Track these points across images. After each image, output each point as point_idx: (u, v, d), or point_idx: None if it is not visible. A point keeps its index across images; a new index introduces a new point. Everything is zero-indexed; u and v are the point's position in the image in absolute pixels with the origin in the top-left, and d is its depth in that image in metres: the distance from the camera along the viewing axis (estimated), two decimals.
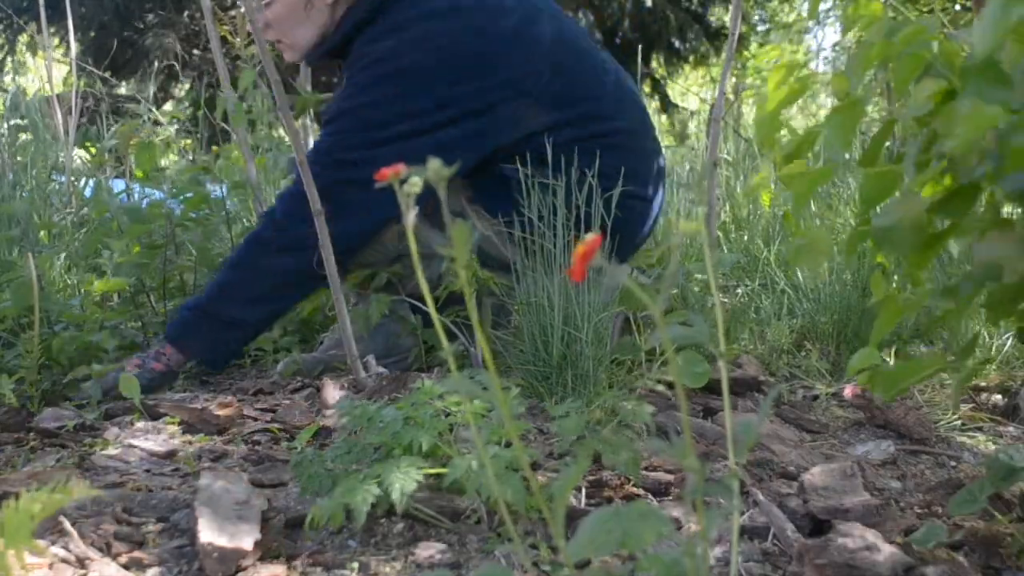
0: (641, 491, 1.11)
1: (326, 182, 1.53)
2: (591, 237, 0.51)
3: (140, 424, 1.35)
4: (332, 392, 1.50)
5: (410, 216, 0.57)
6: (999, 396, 1.55)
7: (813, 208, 2.19)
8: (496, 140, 1.61)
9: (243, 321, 1.67)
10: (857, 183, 2.38)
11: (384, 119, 1.57)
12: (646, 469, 1.15)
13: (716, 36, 7.94)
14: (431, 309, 0.62)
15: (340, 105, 1.61)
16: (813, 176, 0.93)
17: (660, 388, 1.41)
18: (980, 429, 1.41)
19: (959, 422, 1.42)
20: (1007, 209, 0.80)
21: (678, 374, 0.94)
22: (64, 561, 0.85)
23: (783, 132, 1.02)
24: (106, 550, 0.89)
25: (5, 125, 2.94)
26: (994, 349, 1.66)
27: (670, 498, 1.10)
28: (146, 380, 1.56)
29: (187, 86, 6.76)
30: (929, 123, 0.80)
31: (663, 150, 1.86)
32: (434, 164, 0.55)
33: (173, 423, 1.35)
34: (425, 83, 1.57)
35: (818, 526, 1.00)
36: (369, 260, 1.70)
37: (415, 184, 0.57)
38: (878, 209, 0.88)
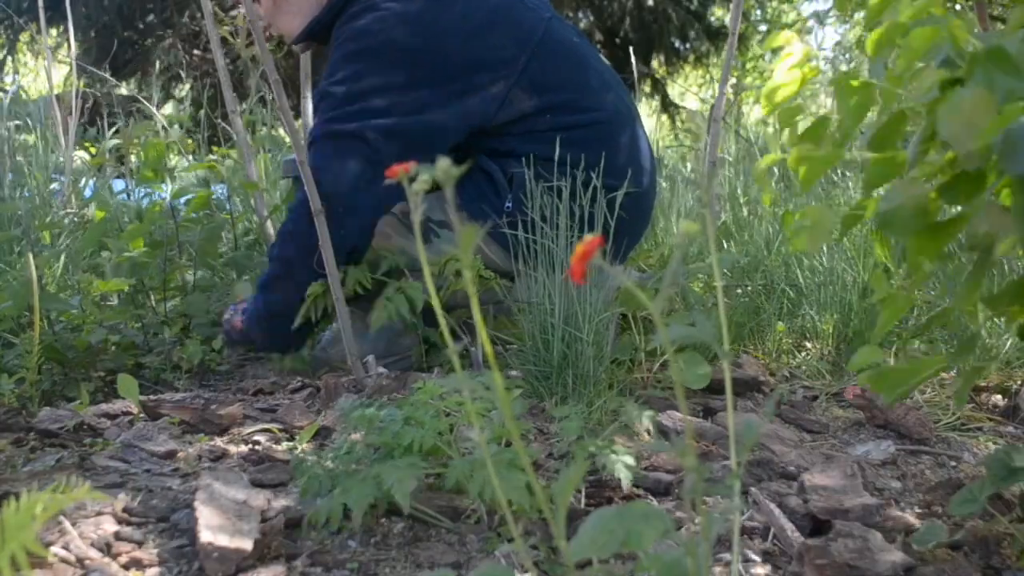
0: (641, 491, 1.11)
1: (325, 157, 1.57)
2: (591, 237, 0.51)
3: (140, 424, 1.35)
4: (333, 391, 1.50)
5: (417, 214, 0.57)
6: (999, 396, 1.55)
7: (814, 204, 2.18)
8: (477, 121, 1.63)
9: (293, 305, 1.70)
10: (857, 181, 2.38)
11: (359, 92, 1.60)
12: (646, 469, 1.15)
13: (716, 36, 7.93)
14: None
15: (320, 89, 1.67)
16: (824, 157, 0.93)
17: (659, 392, 1.41)
18: (980, 429, 1.41)
19: (959, 422, 1.42)
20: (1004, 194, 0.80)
21: (679, 375, 0.94)
22: (64, 561, 0.85)
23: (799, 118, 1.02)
24: (106, 550, 0.89)
25: (5, 126, 2.94)
26: (994, 349, 1.66)
27: (671, 498, 1.10)
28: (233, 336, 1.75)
29: (187, 87, 6.75)
30: (934, 110, 0.80)
31: (651, 146, 1.86)
32: (443, 164, 0.55)
33: (173, 423, 1.35)
34: (397, 61, 1.60)
35: (818, 526, 1.00)
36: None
37: (424, 183, 0.57)
38: (881, 191, 0.88)
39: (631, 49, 3.98)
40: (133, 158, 2.83)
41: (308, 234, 1.56)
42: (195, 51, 6.73)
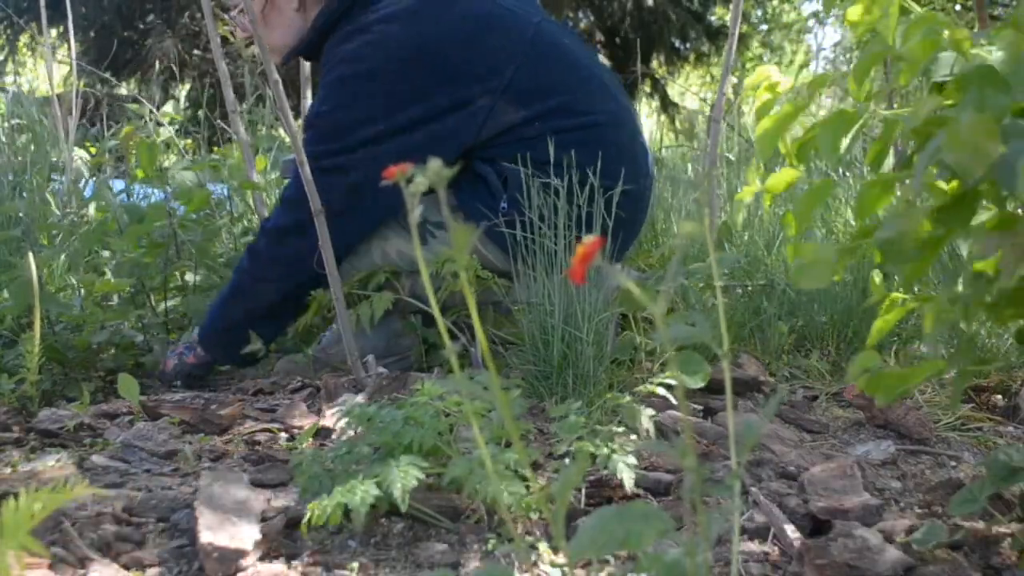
0: (641, 491, 1.11)
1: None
2: (591, 238, 0.51)
3: (140, 424, 1.35)
4: (333, 391, 1.50)
5: (414, 215, 0.57)
6: (999, 396, 1.55)
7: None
8: (463, 139, 1.63)
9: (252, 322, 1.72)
10: (856, 179, 2.38)
11: (348, 123, 1.61)
12: (646, 469, 1.15)
13: (717, 35, 7.92)
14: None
15: (311, 112, 1.67)
16: (813, 193, 0.93)
17: (659, 391, 1.41)
18: (980, 429, 1.41)
19: (959, 422, 1.42)
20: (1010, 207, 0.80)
21: (679, 374, 0.94)
22: (64, 561, 0.85)
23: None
24: (106, 550, 0.89)
25: (5, 125, 2.94)
26: (994, 348, 1.66)
27: (670, 498, 1.10)
28: (184, 370, 1.73)
29: (187, 86, 6.75)
30: (933, 133, 0.80)
31: (648, 146, 1.85)
32: (435, 165, 0.55)
33: (173, 423, 1.35)
34: (385, 86, 1.60)
35: (818, 526, 1.00)
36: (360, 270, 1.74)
37: (420, 184, 0.57)
38: (880, 215, 0.88)
39: (639, 48, 3.97)
40: (132, 158, 2.83)
41: (306, 233, 1.55)
42: (195, 51, 6.72)
